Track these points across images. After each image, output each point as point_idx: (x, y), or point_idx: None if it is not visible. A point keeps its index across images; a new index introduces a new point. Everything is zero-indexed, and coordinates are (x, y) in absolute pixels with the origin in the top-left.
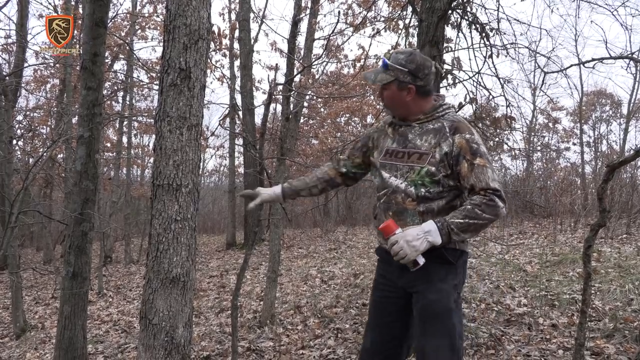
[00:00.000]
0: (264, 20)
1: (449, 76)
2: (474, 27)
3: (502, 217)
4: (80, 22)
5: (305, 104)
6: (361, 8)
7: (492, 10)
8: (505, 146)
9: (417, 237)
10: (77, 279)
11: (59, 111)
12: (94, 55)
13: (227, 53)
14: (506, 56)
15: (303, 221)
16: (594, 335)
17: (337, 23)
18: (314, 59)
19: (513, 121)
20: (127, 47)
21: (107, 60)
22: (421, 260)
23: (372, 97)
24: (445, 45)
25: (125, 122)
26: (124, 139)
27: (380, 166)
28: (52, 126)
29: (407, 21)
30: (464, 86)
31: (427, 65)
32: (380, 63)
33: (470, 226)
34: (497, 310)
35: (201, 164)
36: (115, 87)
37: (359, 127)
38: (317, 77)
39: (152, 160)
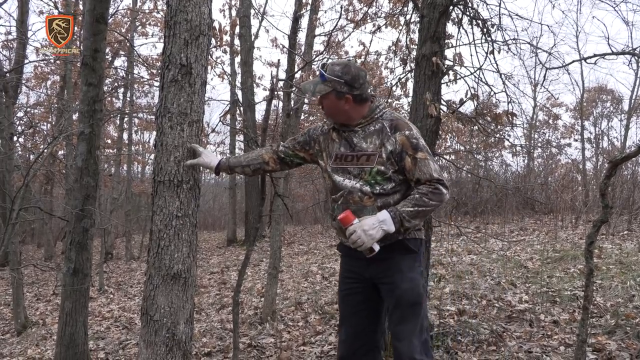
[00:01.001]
0: (264, 16)
1: (451, 72)
2: (475, 23)
3: (445, 202)
4: (80, 18)
5: (306, 100)
6: (362, 4)
7: (494, 5)
8: (506, 142)
9: (373, 226)
10: (78, 276)
11: (59, 108)
12: (95, 51)
13: (228, 49)
14: (507, 52)
15: (304, 218)
16: (595, 332)
17: (338, 19)
18: (314, 55)
19: (514, 117)
20: (128, 44)
21: (107, 57)
22: (376, 247)
23: None
24: (446, 41)
25: (125, 119)
26: (125, 136)
27: (332, 170)
28: (53, 123)
29: (408, 17)
30: (466, 82)
31: (361, 75)
32: (318, 75)
33: (419, 213)
34: (499, 307)
35: None
36: (116, 84)
37: None
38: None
39: (152, 156)
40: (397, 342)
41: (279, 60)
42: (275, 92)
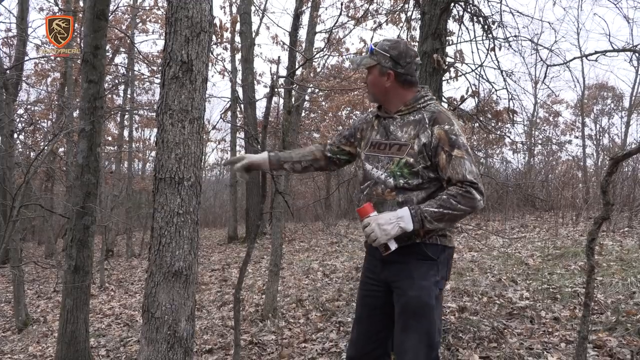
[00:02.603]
0: (265, 13)
1: (452, 69)
2: (476, 20)
3: (478, 210)
4: (81, 15)
5: (307, 97)
6: (363, 1)
7: (495, 2)
8: (507, 139)
9: (390, 221)
10: (79, 273)
11: (60, 105)
12: (95, 48)
13: (229, 46)
14: (508, 49)
15: (305, 215)
16: (595, 329)
17: (339, 16)
18: (315, 52)
19: (515, 114)
20: (128, 40)
21: (108, 54)
22: (393, 245)
23: None
24: (447, 38)
25: (126, 116)
26: (125, 133)
27: (364, 158)
28: (53, 120)
29: (409, 14)
30: (467, 79)
31: (410, 55)
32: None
33: (444, 216)
34: (499, 304)
35: (203, 157)
36: (117, 81)
37: None
38: (318, 70)
39: (153, 153)
40: (400, 354)
41: (279, 57)
42: (276, 89)
